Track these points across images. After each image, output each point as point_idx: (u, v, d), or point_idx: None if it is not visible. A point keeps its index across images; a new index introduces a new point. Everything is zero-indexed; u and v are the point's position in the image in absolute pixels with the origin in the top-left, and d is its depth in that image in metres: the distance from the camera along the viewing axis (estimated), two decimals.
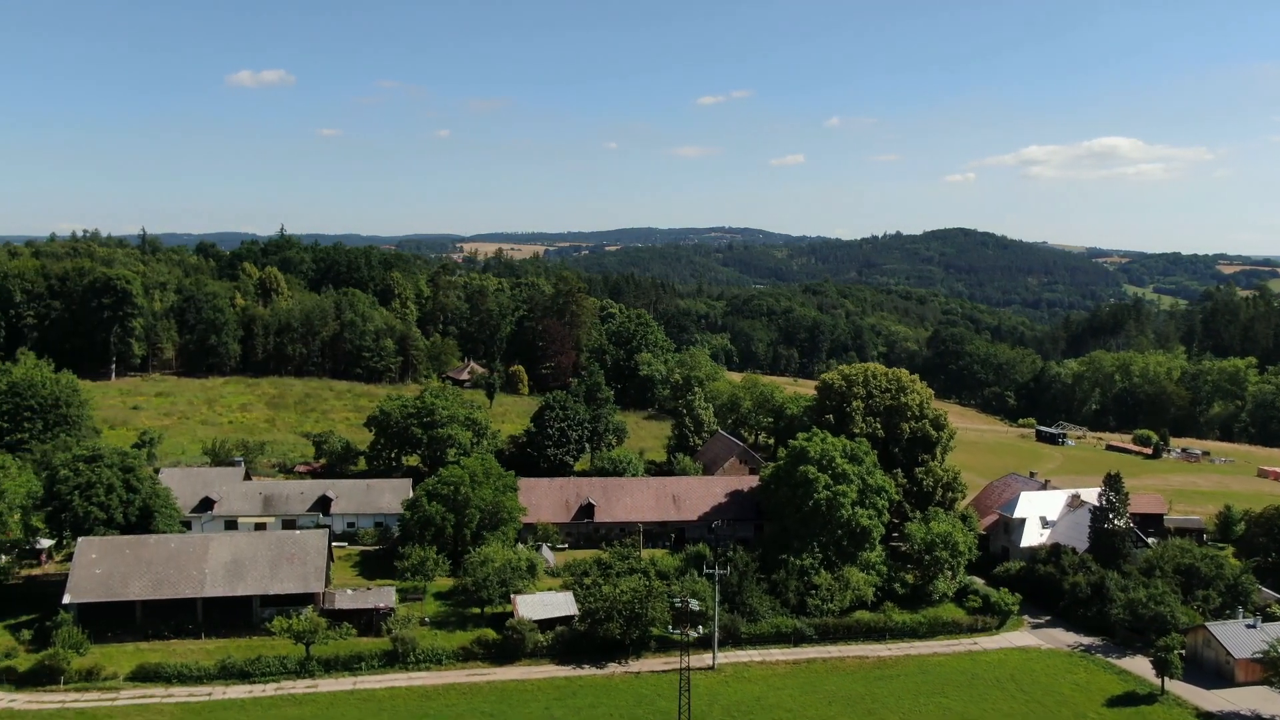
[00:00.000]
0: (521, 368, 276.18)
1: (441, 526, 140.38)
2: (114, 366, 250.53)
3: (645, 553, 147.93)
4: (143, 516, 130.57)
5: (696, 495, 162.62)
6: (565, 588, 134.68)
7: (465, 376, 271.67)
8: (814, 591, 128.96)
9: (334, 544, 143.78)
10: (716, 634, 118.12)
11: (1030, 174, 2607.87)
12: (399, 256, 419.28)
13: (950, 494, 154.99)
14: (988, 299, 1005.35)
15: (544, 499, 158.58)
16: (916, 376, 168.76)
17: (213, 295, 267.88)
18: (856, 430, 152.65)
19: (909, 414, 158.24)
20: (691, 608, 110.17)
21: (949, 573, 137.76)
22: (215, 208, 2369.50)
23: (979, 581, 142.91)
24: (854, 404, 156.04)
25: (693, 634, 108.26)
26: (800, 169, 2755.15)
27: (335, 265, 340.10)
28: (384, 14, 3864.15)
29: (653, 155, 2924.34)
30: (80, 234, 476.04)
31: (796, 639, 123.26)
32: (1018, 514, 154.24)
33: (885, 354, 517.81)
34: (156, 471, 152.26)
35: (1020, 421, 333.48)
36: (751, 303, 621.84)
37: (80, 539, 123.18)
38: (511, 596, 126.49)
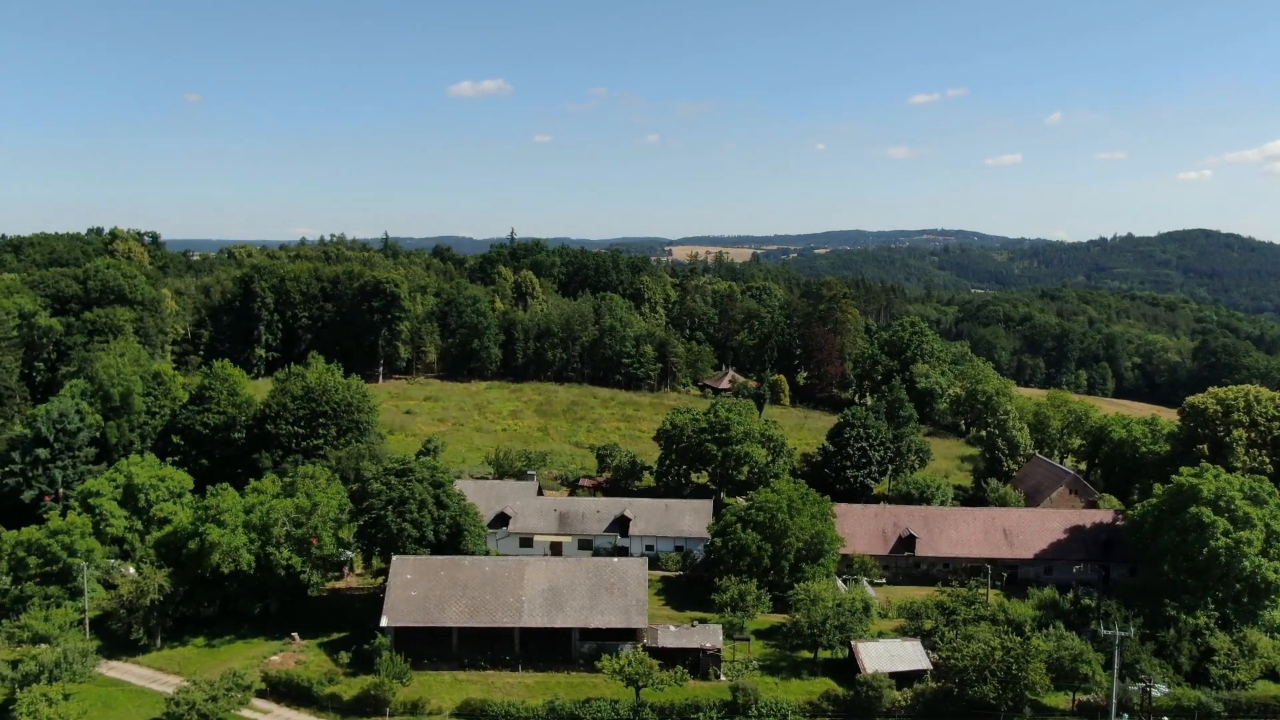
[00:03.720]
0: (783, 377, 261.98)
1: (758, 556, 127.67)
2: (381, 369, 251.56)
3: (989, 596, 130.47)
4: (452, 535, 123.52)
5: (1030, 530, 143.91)
6: (903, 633, 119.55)
7: (725, 385, 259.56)
8: (1213, 658, 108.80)
9: None
10: (1114, 706, 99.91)
11: (1277, 170, 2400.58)
12: (645, 260, 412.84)
13: None
14: (1235, 305, 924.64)
15: (858, 527, 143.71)
16: None
17: (473, 299, 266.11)
18: (1238, 464, 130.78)
19: None
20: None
21: None
22: (432, 213, 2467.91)
23: None
24: (1235, 433, 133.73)
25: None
26: (1017, 168, 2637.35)
27: (584, 269, 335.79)
28: (597, 24, 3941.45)
29: (862, 156, 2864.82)
30: (328, 238, 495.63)
31: (1202, 716, 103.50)
32: None
33: (1141, 365, 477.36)
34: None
35: None
36: (986, 308, 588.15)
37: (395, 558, 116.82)
38: (852, 643, 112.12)
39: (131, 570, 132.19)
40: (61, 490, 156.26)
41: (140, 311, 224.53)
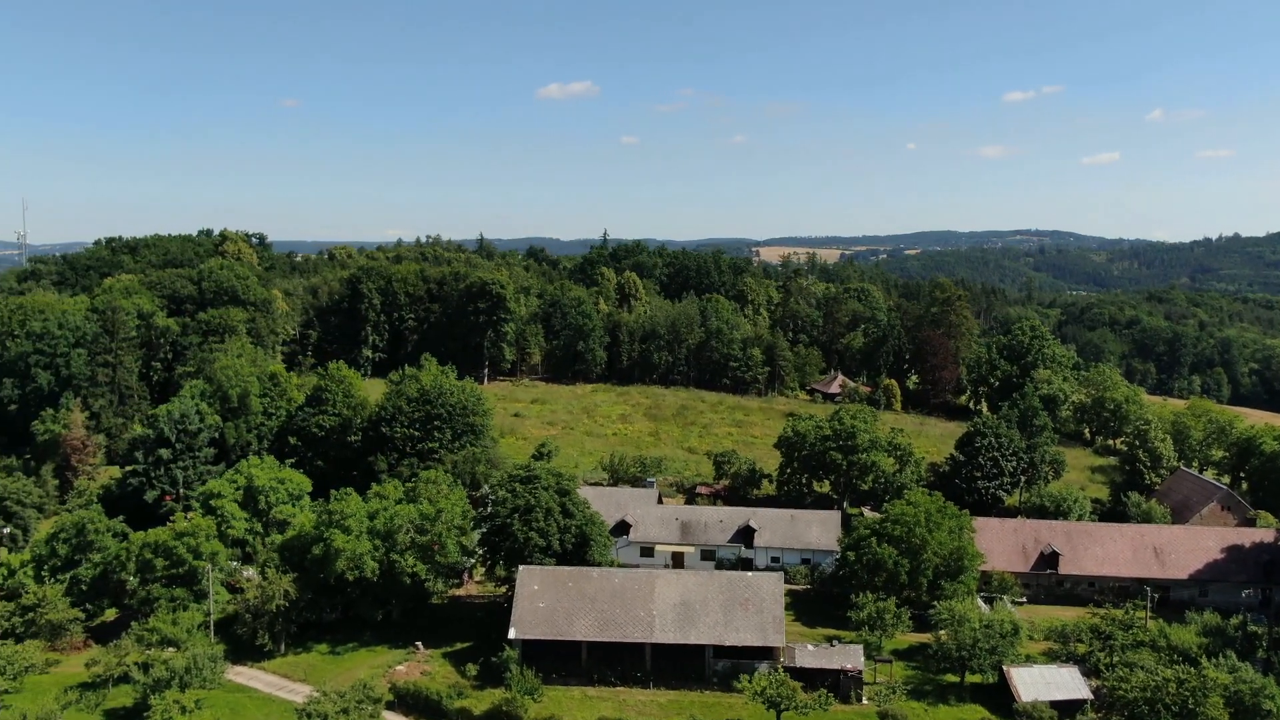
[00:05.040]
0: (894, 381, 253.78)
1: (894, 572, 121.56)
2: (486, 371, 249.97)
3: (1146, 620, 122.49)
4: (578, 544, 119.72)
5: (1182, 548, 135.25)
6: (1053, 657, 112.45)
7: (835, 390, 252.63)
8: None
9: None
10: None
11: None
12: (747, 262, 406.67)
13: None
14: None
15: (996, 543, 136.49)
16: None
17: (577, 301, 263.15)
18: None
19: None
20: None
21: None
22: (519, 214, 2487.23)
23: None
24: None
25: None
26: (1115, 167, 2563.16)
27: (685, 270, 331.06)
28: (684, 24, 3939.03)
29: (953, 155, 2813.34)
30: (423, 239, 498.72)
31: None
32: None
33: (1259, 371, 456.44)
34: None
35: None
36: (1091, 311, 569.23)
37: (522, 568, 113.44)
38: (1004, 668, 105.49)
39: (252, 573, 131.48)
40: (182, 491, 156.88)
41: (253, 312, 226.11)
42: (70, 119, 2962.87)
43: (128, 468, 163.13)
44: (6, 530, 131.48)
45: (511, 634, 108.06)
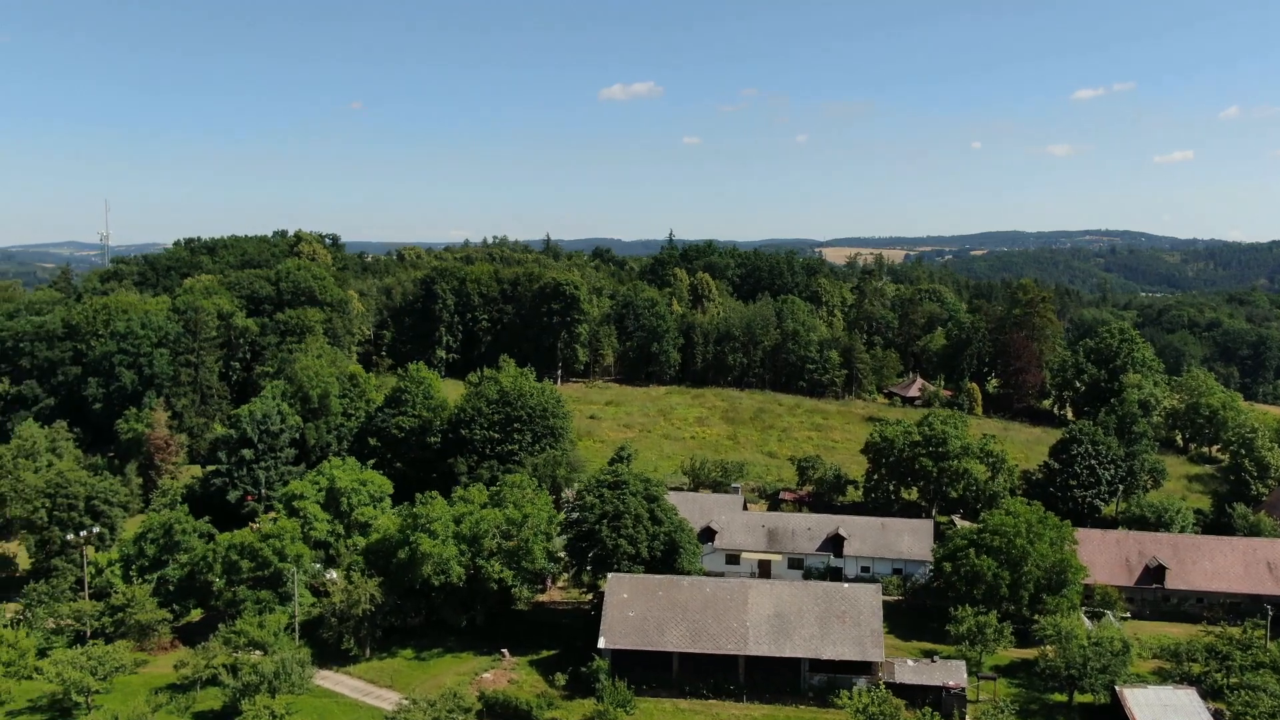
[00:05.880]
0: (975, 385, 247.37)
1: (994, 585, 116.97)
2: (559, 372, 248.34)
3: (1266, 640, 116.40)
4: (667, 552, 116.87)
5: None
6: (1164, 677, 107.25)
7: (914, 393, 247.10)
8: None
9: None
10: None
11: None
12: (821, 262, 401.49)
13: None
14: None
15: (1097, 555, 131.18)
16: None
17: (650, 302, 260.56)
18: None
19: None
20: None
21: None
22: (581, 215, 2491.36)
23: None
24: None
25: None
26: (1188, 165, 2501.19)
27: (757, 270, 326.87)
28: (748, 24, 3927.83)
29: (1020, 154, 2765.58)
30: (490, 240, 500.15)
31: None
32: None
33: None
34: None
35: None
36: (1169, 313, 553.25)
37: (611, 576, 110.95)
38: (1116, 688, 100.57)
39: (334, 576, 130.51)
40: (264, 491, 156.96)
41: (329, 312, 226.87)
42: (147, 123, 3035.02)
43: (210, 468, 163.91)
44: (95, 530, 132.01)
45: (601, 643, 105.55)
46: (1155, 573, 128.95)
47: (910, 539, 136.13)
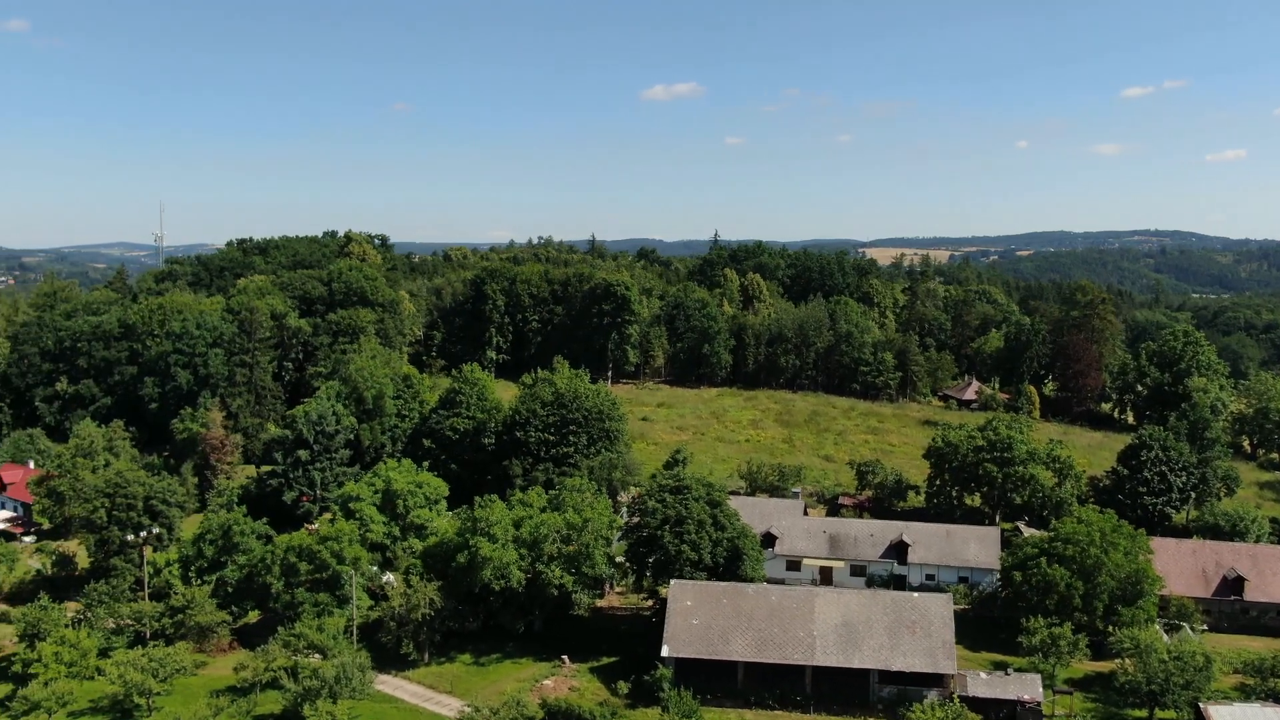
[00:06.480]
0: (1033, 388, 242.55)
1: (1067, 595, 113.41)
2: (610, 373, 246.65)
3: None
4: (730, 558, 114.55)
5: None
6: (1248, 694, 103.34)
7: (971, 396, 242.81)
8: None
9: None
10: None
11: None
12: (872, 263, 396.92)
13: None
14: None
15: (1172, 565, 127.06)
16: None
17: (701, 303, 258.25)
18: None
19: None
20: None
21: None
22: (621, 216, 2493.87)
23: None
24: None
25: None
26: (1241, 164, 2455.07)
27: (807, 270, 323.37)
28: (789, 23, 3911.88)
29: (1067, 154, 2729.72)
30: (535, 240, 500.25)
31: None
32: None
33: None
34: None
35: None
36: (1224, 315, 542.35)
37: (674, 583, 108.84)
38: (1200, 705, 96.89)
39: (391, 578, 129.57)
40: (319, 492, 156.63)
41: (381, 313, 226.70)
42: (193, 125, 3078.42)
43: (265, 468, 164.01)
44: (154, 530, 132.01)
45: (665, 651, 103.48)
46: (1234, 584, 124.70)
47: (976, 546, 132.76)
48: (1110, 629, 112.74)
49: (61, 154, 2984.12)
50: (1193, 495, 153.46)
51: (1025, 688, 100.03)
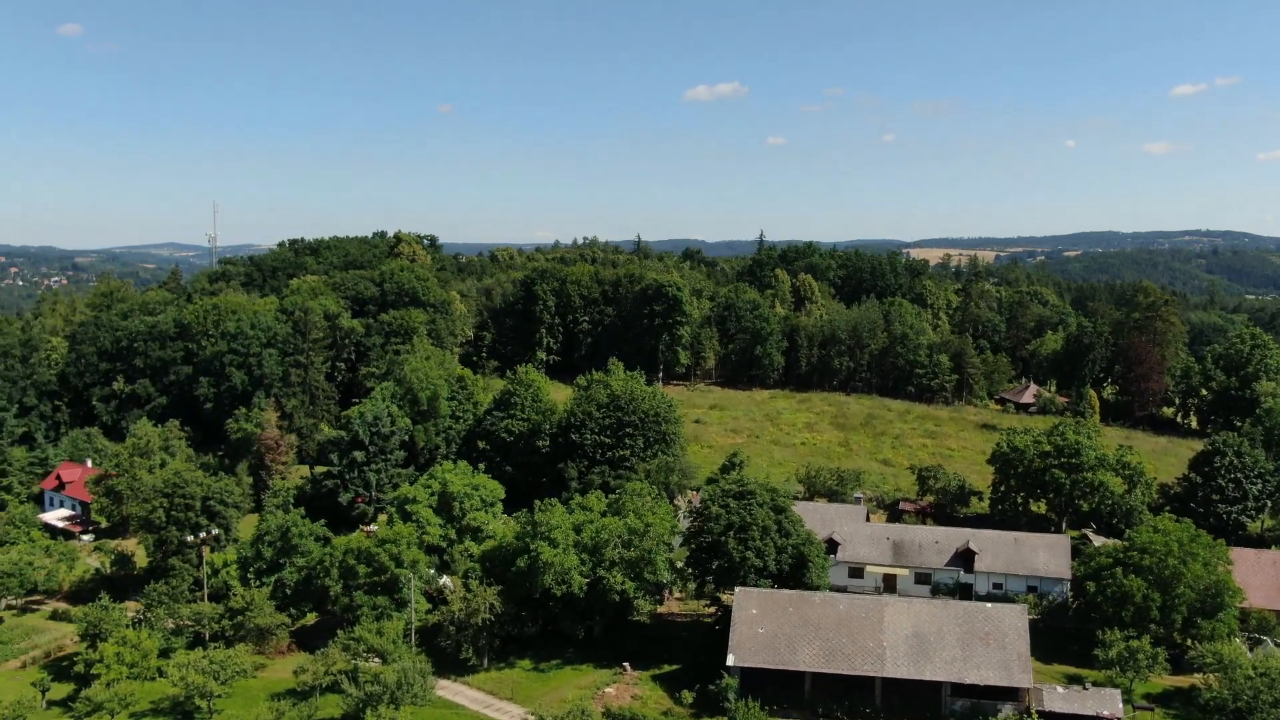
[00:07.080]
0: (1093, 392, 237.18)
1: (1143, 607, 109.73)
2: (660, 375, 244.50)
3: None
4: (795, 566, 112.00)
5: None
6: None
7: (1029, 400, 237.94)
8: None
9: None
10: None
11: None
12: (925, 263, 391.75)
13: None
14: None
15: (1252, 576, 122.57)
16: None
17: (753, 304, 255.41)
18: None
19: None
20: None
21: None
22: (664, 216, 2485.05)
23: None
24: None
25: None
26: None
27: (859, 271, 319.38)
28: (834, 21, 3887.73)
29: (1115, 153, 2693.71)
30: (580, 240, 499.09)
31: None
32: None
33: None
34: None
35: None
36: None
37: (739, 590, 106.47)
38: None
39: (448, 582, 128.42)
40: (374, 494, 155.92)
41: (432, 313, 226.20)
42: (250, 125, 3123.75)
43: (320, 469, 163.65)
44: (213, 531, 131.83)
45: (730, 660, 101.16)
46: None
47: (1046, 555, 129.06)
48: (1190, 642, 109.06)
49: (112, 155, 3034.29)
50: (1269, 503, 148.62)
51: (1105, 703, 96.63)
